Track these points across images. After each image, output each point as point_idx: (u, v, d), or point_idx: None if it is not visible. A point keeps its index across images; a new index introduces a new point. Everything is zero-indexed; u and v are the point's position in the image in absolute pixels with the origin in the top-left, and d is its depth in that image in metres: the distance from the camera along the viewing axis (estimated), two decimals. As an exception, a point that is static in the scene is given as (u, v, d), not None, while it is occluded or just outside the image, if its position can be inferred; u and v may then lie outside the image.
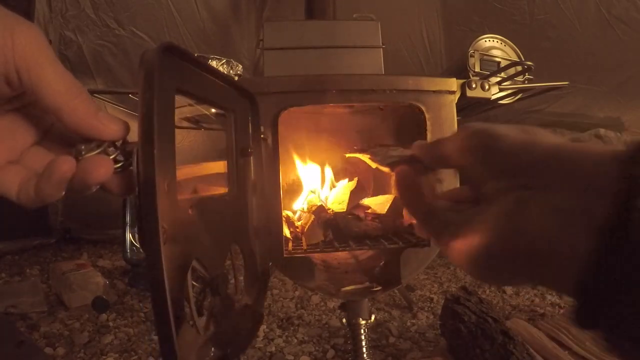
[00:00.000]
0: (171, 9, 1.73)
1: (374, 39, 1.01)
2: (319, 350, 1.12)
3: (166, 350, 0.29)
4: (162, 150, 0.31)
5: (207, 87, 0.45)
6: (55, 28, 1.72)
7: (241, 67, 0.73)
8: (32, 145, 0.33)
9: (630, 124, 1.92)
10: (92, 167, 0.29)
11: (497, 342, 0.78)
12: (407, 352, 1.10)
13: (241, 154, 0.55)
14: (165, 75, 0.33)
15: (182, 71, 0.37)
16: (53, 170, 0.28)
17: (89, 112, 0.30)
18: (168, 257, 0.30)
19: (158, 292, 0.28)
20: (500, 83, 0.78)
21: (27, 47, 0.28)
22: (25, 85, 0.28)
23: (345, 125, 1.13)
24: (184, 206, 0.38)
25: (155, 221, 0.28)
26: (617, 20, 1.61)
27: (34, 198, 0.29)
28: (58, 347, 1.13)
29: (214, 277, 0.42)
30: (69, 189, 0.29)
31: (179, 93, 0.38)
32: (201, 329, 0.40)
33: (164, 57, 0.32)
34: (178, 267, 0.35)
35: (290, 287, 1.58)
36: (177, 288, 0.34)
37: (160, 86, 0.31)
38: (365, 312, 0.85)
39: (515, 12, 1.69)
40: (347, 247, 0.79)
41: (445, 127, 0.74)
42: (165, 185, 0.32)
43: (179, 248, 0.35)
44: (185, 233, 0.37)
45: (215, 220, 0.46)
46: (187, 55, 0.37)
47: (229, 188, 0.54)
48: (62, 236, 2.29)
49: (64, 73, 0.30)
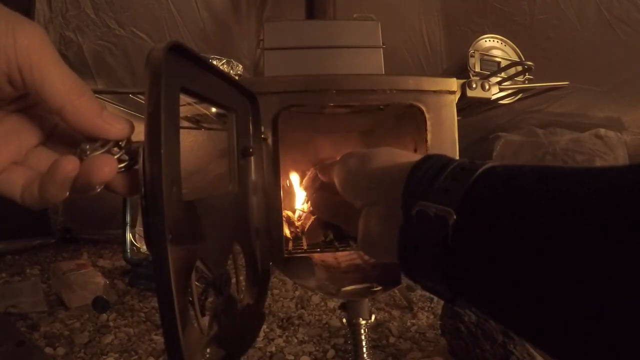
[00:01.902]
0: (171, 9, 1.73)
1: (374, 38, 1.01)
2: (319, 350, 1.12)
3: (173, 352, 0.29)
4: (168, 150, 0.31)
5: (211, 86, 0.45)
6: (55, 28, 1.72)
7: (241, 67, 0.73)
8: (36, 145, 0.32)
9: (631, 124, 1.92)
10: (96, 167, 0.29)
11: (498, 342, 0.78)
12: (408, 352, 1.10)
13: (242, 153, 0.55)
14: (171, 74, 0.33)
15: (187, 70, 0.37)
16: (56, 170, 0.28)
17: (94, 111, 0.30)
18: (174, 258, 0.30)
19: (165, 294, 0.28)
20: (501, 83, 0.78)
21: (30, 46, 0.27)
22: (28, 85, 0.28)
23: (345, 125, 1.13)
24: (189, 206, 0.38)
25: (162, 221, 0.28)
26: (617, 20, 1.61)
27: (38, 199, 0.29)
28: (58, 347, 1.13)
29: (216, 277, 0.42)
30: (73, 189, 0.29)
31: (184, 92, 0.38)
32: (204, 329, 0.41)
33: (170, 56, 0.32)
34: (183, 267, 0.35)
35: (291, 287, 1.58)
36: (182, 289, 0.34)
37: (166, 85, 0.30)
38: (366, 312, 0.85)
39: (516, 12, 1.69)
40: (347, 247, 0.79)
41: (445, 127, 0.74)
42: (171, 185, 0.32)
43: (183, 248, 0.35)
44: (189, 233, 0.37)
45: (218, 220, 0.46)
46: (192, 54, 0.37)
47: (231, 188, 0.54)
48: (63, 236, 2.29)
49: (68, 72, 0.29)
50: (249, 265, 0.57)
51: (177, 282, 0.31)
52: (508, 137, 1.96)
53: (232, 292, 0.48)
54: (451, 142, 0.75)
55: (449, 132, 0.75)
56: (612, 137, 1.84)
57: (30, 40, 0.27)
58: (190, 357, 0.34)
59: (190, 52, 0.36)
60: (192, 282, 0.37)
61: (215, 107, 0.62)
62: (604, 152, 1.82)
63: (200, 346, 0.38)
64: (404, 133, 0.93)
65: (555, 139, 1.88)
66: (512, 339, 0.78)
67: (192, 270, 0.37)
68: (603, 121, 1.92)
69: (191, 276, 0.37)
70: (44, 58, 0.28)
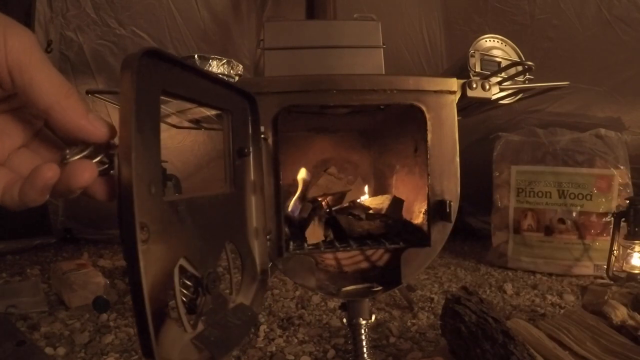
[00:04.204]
0: (172, 8, 1.73)
1: (374, 38, 1.01)
2: (320, 350, 1.12)
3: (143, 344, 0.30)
4: (144, 153, 0.32)
5: (198, 88, 0.46)
6: (56, 28, 1.72)
7: (242, 67, 0.73)
8: (19, 147, 0.33)
9: (631, 124, 1.92)
10: (77, 172, 0.30)
11: (498, 342, 0.78)
12: (408, 352, 1.10)
13: (238, 154, 0.55)
14: (147, 78, 0.34)
15: (167, 74, 0.38)
16: (37, 176, 0.29)
17: (80, 113, 0.31)
18: (150, 256, 0.32)
19: (136, 291, 0.30)
20: (501, 83, 0.78)
21: (20, 48, 0.28)
22: (17, 86, 0.29)
23: (345, 125, 1.13)
24: (171, 206, 0.39)
25: (132, 224, 0.30)
26: (617, 20, 1.61)
27: (17, 202, 0.30)
28: (58, 347, 1.13)
29: (204, 275, 0.43)
30: (53, 193, 0.30)
31: (166, 95, 0.39)
32: (188, 327, 0.41)
33: (146, 61, 0.34)
34: (162, 265, 0.36)
35: (291, 287, 1.58)
36: (160, 285, 0.35)
37: (141, 89, 0.32)
38: (366, 312, 0.85)
39: (516, 12, 1.69)
40: (347, 247, 0.79)
41: (446, 127, 0.74)
42: (149, 187, 0.34)
43: (164, 247, 0.36)
44: (171, 232, 0.38)
45: (208, 220, 0.46)
46: (171, 58, 0.38)
47: (225, 188, 0.54)
48: (63, 236, 2.29)
49: (55, 74, 0.30)
50: (246, 265, 0.57)
51: (152, 279, 0.33)
52: (508, 137, 1.96)
53: (222, 292, 0.48)
54: (451, 142, 0.75)
55: (450, 132, 0.75)
56: (613, 137, 1.84)
57: (21, 42, 0.28)
58: (167, 351, 0.35)
59: (170, 56, 0.38)
60: (175, 279, 0.38)
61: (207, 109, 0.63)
62: (604, 152, 1.81)
63: (182, 342, 0.39)
64: (404, 133, 0.94)
65: (555, 139, 1.88)
66: (513, 339, 0.78)
67: (173, 268, 0.38)
68: (603, 121, 1.92)
69: (174, 273, 0.38)
70: (33, 60, 0.29)
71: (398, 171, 1.00)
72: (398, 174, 1.01)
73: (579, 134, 1.87)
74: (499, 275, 1.79)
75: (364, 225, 0.83)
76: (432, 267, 1.85)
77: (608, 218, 1.73)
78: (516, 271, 1.82)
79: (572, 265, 1.76)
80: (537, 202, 1.86)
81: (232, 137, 0.54)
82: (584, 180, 1.80)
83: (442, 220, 0.74)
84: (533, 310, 1.37)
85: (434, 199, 0.74)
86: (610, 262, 1.50)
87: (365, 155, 1.21)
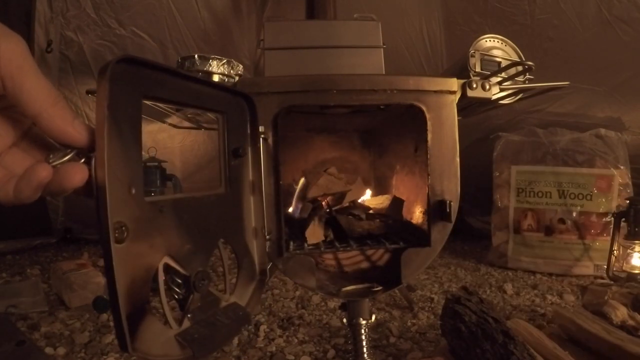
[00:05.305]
0: (172, 9, 1.73)
1: (374, 38, 1.01)
2: (320, 350, 1.12)
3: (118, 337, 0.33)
4: (123, 155, 0.35)
5: (185, 91, 0.46)
6: (56, 28, 1.72)
7: (242, 67, 0.73)
8: (10, 147, 0.35)
9: (631, 124, 1.92)
10: (70, 174, 0.32)
11: (498, 342, 0.78)
12: (408, 352, 1.10)
13: (233, 154, 0.55)
14: (125, 84, 0.36)
15: (148, 79, 0.40)
16: (32, 175, 0.31)
17: (66, 120, 0.32)
18: (128, 254, 0.35)
19: (111, 286, 0.32)
20: (501, 83, 0.78)
21: (12, 55, 0.29)
22: (8, 91, 0.30)
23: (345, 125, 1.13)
24: (153, 206, 0.40)
25: (106, 223, 0.32)
26: (617, 20, 1.61)
27: (12, 198, 0.32)
28: (59, 347, 1.13)
29: (192, 274, 0.43)
30: (45, 191, 0.32)
31: (149, 99, 0.40)
32: (173, 323, 0.41)
33: (124, 68, 0.35)
34: (144, 262, 0.38)
35: (291, 287, 1.58)
36: (141, 281, 0.36)
37: (117, 95, 0.34)
38: (366, 312, 0.85)
39: (516, 12, 1.69)
40: (347, 247, 0.79)
41: (446, 127, 0.74)
42: (129, 188, 0.36)
43: (145, 245, 0.38)
44: (154, 231, 0.39)
45: (198, 219, 0.47)
46: (150, 64, 0.39)
47: (219, 188, 0.54)
48: (63, 236, 2.29)
49: (44, 82, 0.31)
50: (243, 265, 0.56)
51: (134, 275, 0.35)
52: (508, 137, 1.96)
53: (213, 290, 0.48)
54: (451, 142, 0.75)
55: (450, 132, 0.75)
56: (613, 137, 1.84)
57: (11, 50, 0.29)
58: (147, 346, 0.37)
59: (149, 62, 0.39)
60: (160, 276, 0.39)
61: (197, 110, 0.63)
62: (604, 152, 1.81)
63: (163, 338, 0.40)
64: (404, 133, 0.93)
65: (555, 139, 1.88)
66: (513, 339, 0.78)
67: (156, 265, 0.39)
68: (603, 121, 1.92)
69: (156, 270, 0.39)
70: (24, 67, 0.30)
71: (398, 171, 1.00)
72: (398, 174, 1.01)
73: (579, 134, 1.87)
74: (499, 275, 1.79)
75: (364, 225, 0.83)
76: (432, 267, 1.85)
77: (608, 218, 1.73)
78: (516, 271, 1.82)
79: (572, 265, 1.76)
80: (537, 202, 1.86)
81: (226, 137, 0.54)
82: (584, 180, 1.80)
83: (442, 220, 0.74)
84: (533, 311, 1.37)
85: (434, 199, 0.74)
86: (611, 262, 1.50)
87: (365, 155, 1.21)
